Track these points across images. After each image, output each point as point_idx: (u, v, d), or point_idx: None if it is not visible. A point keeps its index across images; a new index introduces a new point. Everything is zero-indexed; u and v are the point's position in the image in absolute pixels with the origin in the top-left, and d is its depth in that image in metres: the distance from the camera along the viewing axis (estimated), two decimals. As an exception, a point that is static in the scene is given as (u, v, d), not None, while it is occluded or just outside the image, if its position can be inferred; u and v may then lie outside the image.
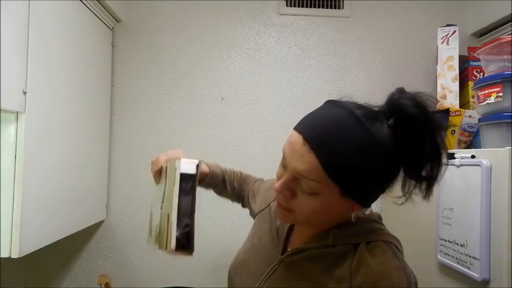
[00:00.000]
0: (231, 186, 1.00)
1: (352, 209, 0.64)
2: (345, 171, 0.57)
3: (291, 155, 0.61)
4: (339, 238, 0.67)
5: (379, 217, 0.73)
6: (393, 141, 0.59)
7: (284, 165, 0.64)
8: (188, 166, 0.73)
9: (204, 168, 0.91)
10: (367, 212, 0.72)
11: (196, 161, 0.75)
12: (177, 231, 0.65)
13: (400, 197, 0.65)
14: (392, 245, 0.65)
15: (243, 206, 1.05)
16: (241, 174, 1.06)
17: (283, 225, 0.78)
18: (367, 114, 0.60)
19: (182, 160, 0.74)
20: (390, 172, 0.62)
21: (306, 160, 0.58)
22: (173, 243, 0.65)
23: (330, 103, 0.64)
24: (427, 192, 0.63)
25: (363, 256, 0.62)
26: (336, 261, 0.65)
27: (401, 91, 0.62)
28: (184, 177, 0.70)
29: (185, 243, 0.66)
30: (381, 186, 0.63)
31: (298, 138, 0.60)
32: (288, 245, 0.75)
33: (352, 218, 0.66)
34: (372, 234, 0.67)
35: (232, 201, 1.06)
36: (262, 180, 1.04)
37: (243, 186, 1.03)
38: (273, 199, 0.86)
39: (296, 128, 0.63)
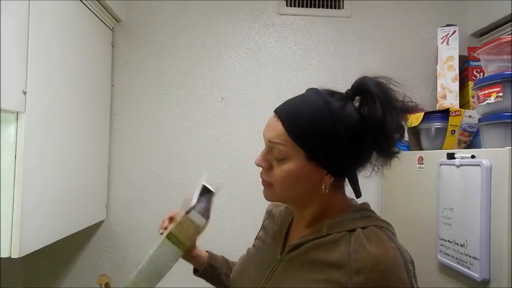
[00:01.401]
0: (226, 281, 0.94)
1: (324, 180, 0.69)
2: (304, 133, 0.66)
3: (265, 129, 0.72)
4: (332, 227, 0.69)
5: (369, 206, 0.76)
6: (358, 117, 0.67)
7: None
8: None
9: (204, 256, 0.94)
10: (355, 203, 0.76)
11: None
12: None
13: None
14: (385, 229, 0.68)
15: None
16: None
17: (281, 228, 0.80)
18: (331, 93, 0.70)
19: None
20: (352, 143, 0.66)
21: (274, 128, 0.69)
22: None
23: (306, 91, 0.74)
24: (386, 161, 0.69)
25: (360, 241, 0.64)
26: (332, 247, 0.67)
27: (364, 76, 0.69)
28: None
29: None
30: (342, 154, 0.67)
31: (272, 115, 0.72)
32: (286, 245, 0.77)
33: (323, 189, 0.69)
34: (365, 220, 0.69)
35: None
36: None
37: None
38: (271, 207, 0.91)
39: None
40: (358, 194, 0.74)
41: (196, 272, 0.95)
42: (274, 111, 0.72)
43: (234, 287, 0.83)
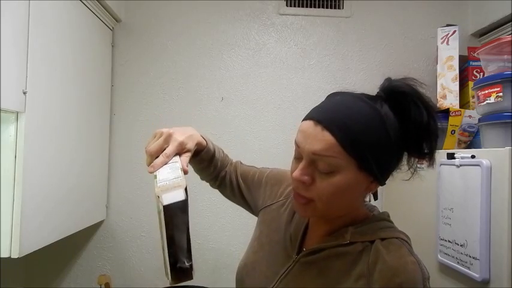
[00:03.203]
0: (214, 164, 0.92)
1: (369, 188, 0.67)
2: (358, 143, 0.60)
3: (305, 140, 0.63)
4: (356, 236, 0.67)
5: (388, 215, 0.74)
6: (394, 119, 0.64)
7: (297, 156, 0.67)
8: (173, 194, 0.61)
9: (201, 141, 0.83)
10: (376, 212, 0.75)
11: (184, 184, 0.63)
12: (171, 266, 0.62)
13: (407, 171, 0.70)
14: (405, 242, 0.66)
15: (218, 187, 0.98)
16: (223, 152, 0.98)
17: (298, 225, 0.77)
18: (367, 96, 0.66)
19: (164, 186, 0.62)
20: (397, 146, 0.64)
21: (321, 139, 0.61)
22: (169, 277, 0.63)
23: (331, 94, 0.70)
24: (431, 162, 0.67)
25: (379, 252, 0.63)
26: (354, 259, 0.65)
27: (390, 78, 0.68)
28: (172, 208, 0.61)
29: (181, 276, 0.63)
30: (391, 160, 0.65)
31: (309, 123, 0.63)
32: (303, 245, 0.74)
33: (368, 199, 0.68)
34: (385, 231, 0.68)
35: (207, 179, 0.96)
36: (264, 170, 0.96)
37: (224, 164, 0.96)
38: (283, 197, 0.85)
39: (305, 118, 0.66)
40: (376, 196, 0.73)
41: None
42: (313, 120, 0.63)
43: (245, 277, 0.79)
